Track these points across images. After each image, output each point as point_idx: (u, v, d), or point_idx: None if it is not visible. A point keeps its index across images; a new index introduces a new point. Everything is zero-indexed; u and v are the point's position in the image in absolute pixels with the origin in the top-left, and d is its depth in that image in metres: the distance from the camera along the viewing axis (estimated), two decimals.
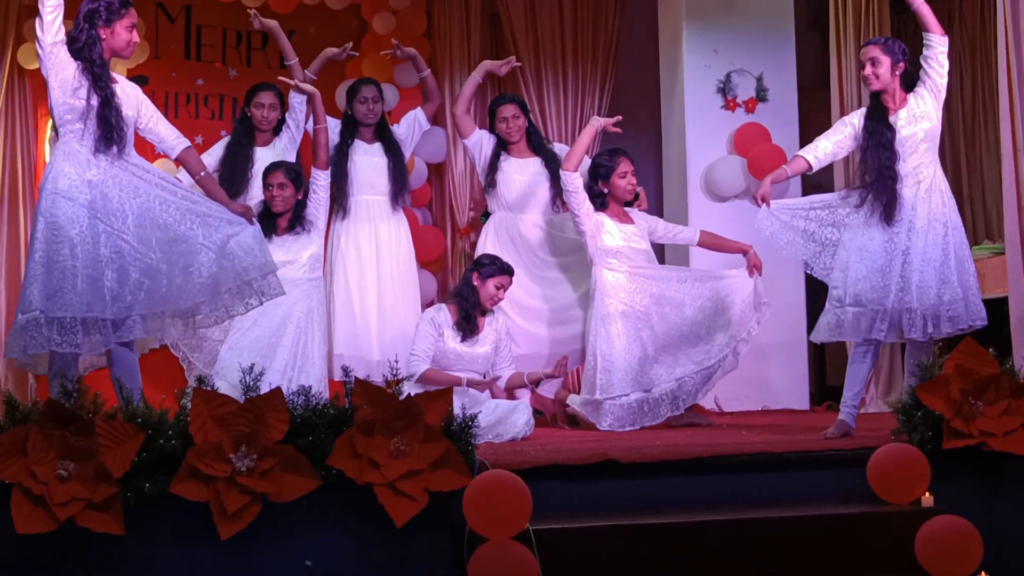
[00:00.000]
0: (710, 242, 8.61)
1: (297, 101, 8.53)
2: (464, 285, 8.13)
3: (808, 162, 7.41)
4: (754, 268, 8.31)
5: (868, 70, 7.28)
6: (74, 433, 5.32)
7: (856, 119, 7.43)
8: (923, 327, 7.13)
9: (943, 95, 7.36)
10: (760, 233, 7.45)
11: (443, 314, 8.04)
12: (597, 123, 8.41)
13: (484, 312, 8.09)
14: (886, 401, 7.70)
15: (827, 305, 7.27)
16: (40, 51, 6.55)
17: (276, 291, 6.90)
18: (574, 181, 8.24)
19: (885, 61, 7.25)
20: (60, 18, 6.49)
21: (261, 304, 6.92)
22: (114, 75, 6.76)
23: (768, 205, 7.37)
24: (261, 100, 8.67)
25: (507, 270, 8.13)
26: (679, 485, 6.17)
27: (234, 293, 6.75)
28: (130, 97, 6.77)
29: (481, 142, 8.86)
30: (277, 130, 8.71)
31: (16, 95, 9.93)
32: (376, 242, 8.78)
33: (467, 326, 7.99)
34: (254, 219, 6.91)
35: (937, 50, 7.28)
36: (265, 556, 5.52)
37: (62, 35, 6.52)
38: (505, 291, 8.11)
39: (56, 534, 5.25)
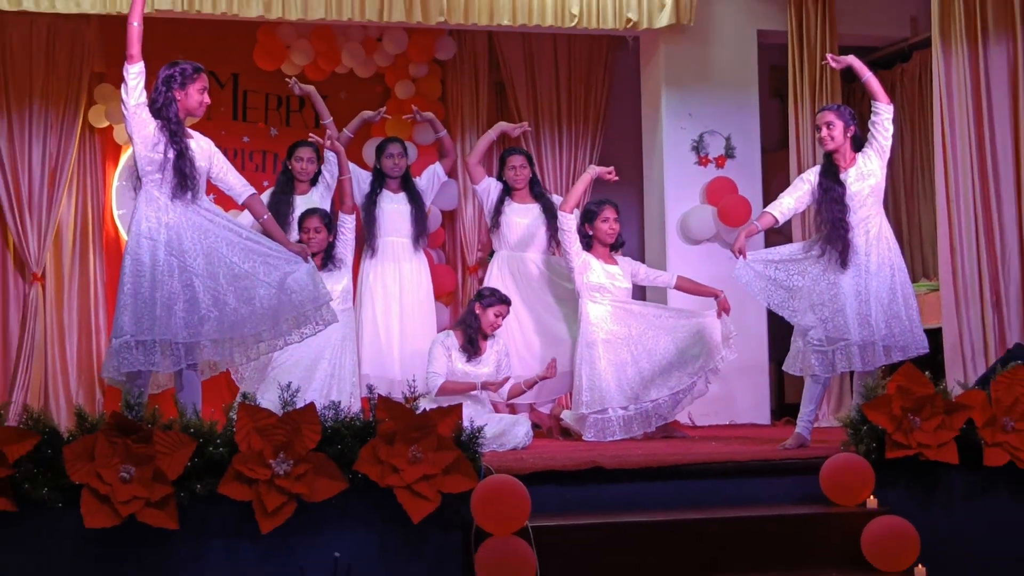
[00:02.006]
0: (686, 286, 8.56)
1: (333, 155, 8.56)
2: (468, 313, 8.16)
3: (775, 217, 7.41)
4: (723, 310, 8.28)
5: (824, 132, 7.29)
6: (135, 441, 5.34)
7: (812, 176, 7.42)
8: (880, 357, 7.15)
9: (887, 155, 7.36)
10: (737, 281, 7.41)
11: (451, 339, 8.06)
12: (592, 171, 8.41)
13: (486, 336, 8.10)
14: (837, 417, 7.69)
15: (800, 343, 7.24)
16: (125, 111, 6.54)
17: (331, 319, 6.82)
18: (568, 221, 8.26)
19: (838, 124, 7.27)
20: (142, 83, 6.50)
21: (316, 333, 6.86)
22: (190, 131, 6.76)
23: (745, 257, 7.36)
24: (300, 155, 8.71)
25: (505, 300, 8.14)
26: (657, 488, 6.17)
27: (291, 324, 6.69)
28: (203, 150, 6.74)
29: (489, 188, 8.90)
30: (314, 181, 8.74)
31: (87, 150, 10.01)
32: (400, 278, 8.80)
33: (471, 349, 8.01)
34: (309, 257, 6.90)
35: (883, 116, 7.29)
36: (299, 548, 5.54)
37: (144, 98, 6.52)
38: (503, 318, 8.11)
39: (119, 528, 5.28)
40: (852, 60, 7.36)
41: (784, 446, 7.08)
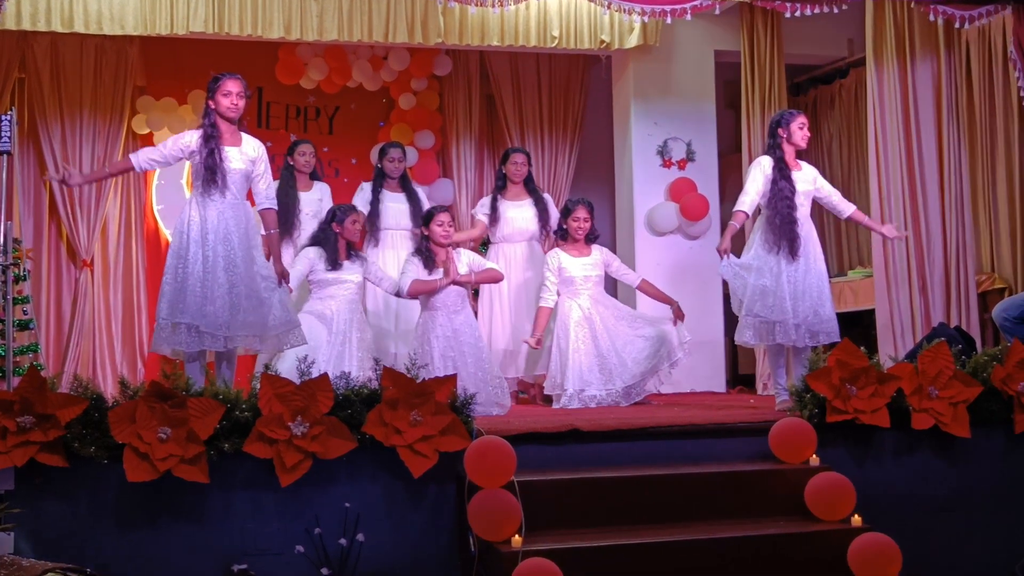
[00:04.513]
0: (647, 289, 8.39)
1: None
2: (420, 239, 7.85)
3: (746, 213, 7.29)
4: (678, 317, 8.14)
5: (806, 132, 7.31)
6: (171, 406, 5.32)
7: (765, 163, 7.27)
8: (810, 337, 7.15)
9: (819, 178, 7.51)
10: (721, 276, 7.57)
11: (418, 259, 7.64)
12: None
13: (442, 245, 7.65)
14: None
15: (747, 319, 7.23)
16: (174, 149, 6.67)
17: (296, 342, 6.70)
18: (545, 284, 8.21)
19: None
20: (171, 138, 6.62)
21: (291, 347, 6.71)
22: (244, 136, 6.75)
23: (729, 257, 7.26)
24: (303, 150, 8.64)
25: (441, 208, 7.80)
26: (627, 448, 6.15)
27: (275, 341, 6.63)
28: (247, 155, 6.68)
29: (484, 206, 8.79)
30: (313, 176, 8.70)
31: (130, 153, 9.93)
32: (398, 265, 8.71)
33: (432, 264, 7.62)
34: (283, 283, 6.73)
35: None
36: (314, 500, 5.52)
37: (179, 141, 6.62)
38: (448, 224, 7.67)
39: (157, 481, 5.27)
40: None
41: (780, 408, 7.04)
